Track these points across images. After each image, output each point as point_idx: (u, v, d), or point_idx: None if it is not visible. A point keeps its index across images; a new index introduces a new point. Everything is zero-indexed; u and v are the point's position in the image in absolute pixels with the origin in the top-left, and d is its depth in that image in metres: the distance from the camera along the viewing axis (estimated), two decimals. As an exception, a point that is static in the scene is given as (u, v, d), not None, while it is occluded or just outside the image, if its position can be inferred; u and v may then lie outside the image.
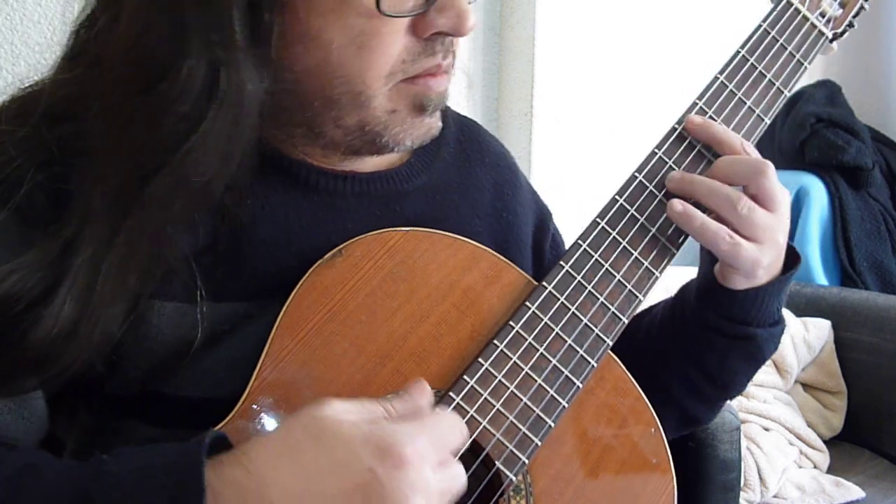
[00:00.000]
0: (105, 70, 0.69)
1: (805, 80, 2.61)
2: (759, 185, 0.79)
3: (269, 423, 0.69)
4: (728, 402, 0.99)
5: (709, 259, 0.85)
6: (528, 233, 0.94)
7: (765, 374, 2.06)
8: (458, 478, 0.61)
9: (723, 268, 0.83)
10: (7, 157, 0.69)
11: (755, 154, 0.83)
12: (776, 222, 0.80)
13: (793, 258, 0.85)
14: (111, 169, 0.67)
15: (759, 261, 0.80)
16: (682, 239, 0.82)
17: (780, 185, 0.80)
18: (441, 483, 0.59)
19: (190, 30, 0.66)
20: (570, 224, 0.97)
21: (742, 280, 0.82)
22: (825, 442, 2.00)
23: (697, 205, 0.81)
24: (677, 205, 0.80)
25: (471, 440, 0.72)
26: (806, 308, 2.22)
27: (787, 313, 2.13)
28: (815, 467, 1.93)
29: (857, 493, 1.81)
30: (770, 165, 0.79)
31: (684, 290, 0.90)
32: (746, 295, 0.83)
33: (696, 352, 0.87)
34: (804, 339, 2.11)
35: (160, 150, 0.67)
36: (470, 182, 0.90)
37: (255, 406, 0.69)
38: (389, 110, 0.74)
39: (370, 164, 0.82)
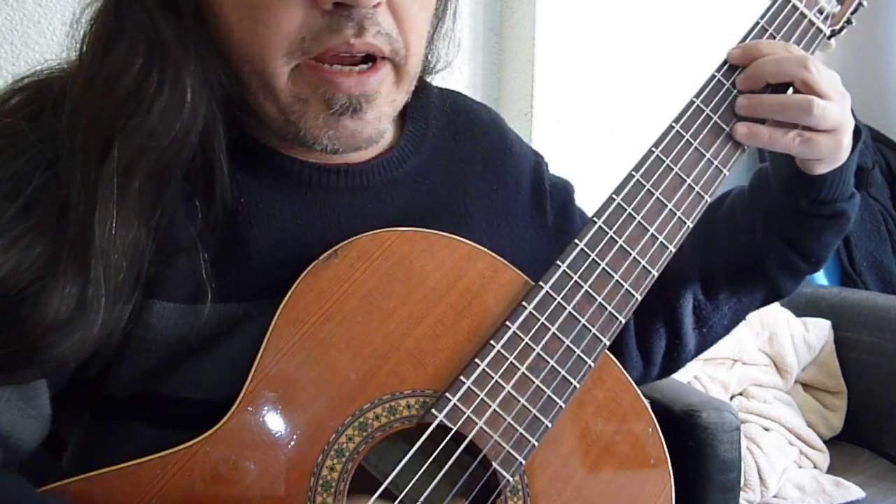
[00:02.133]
0: (80, 56, 0.73)
1: (805, 79, 2.60)
2: (805, 80, 0.81)
3: (266, 424, 0.69)
4: (730, 401, 1.01)
5: (784, 155, 0.88)
6: (526, 201, 0.94)
7: (765, 374, 2.06)
8: None
9: (806, 162, 0.86)
10: (16, 150, 0.70)
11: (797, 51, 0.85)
12: (841, 106, 0.83)
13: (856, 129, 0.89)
14: (80, 139, 0.69)
15: (840, 146, 0.84)
16: (680, 237, 0.82)
17: (827, 71, 0.83)
18: None
19: (125, 7, 0.71)
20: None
21: (826, 165, 0.86)
22: (825, 442, 2.00)
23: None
24: (741, 127, 0.84)
25: (468, 441, 0.72)
26: (806, 308, 2.21)
27: (787, 313, 2.14)
28: (815, 467, 1.93)
29: (857, 493, 1.80)
30: (811, 58, 0.82)
31: (760, 183, 0.94)
32: (834, 176, 0.87)
33: (791, 235, 0.92)
34: (804, 339, 2.11)
35: (114, 116, 0.69)
36: (460, 156, 0.90)
37: (250, 407, 0.69)
38: (296, 97, 0.72)
39: (362, 154, 0.82)
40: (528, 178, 0.95)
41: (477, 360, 0.74)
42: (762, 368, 2.06)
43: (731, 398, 2.00)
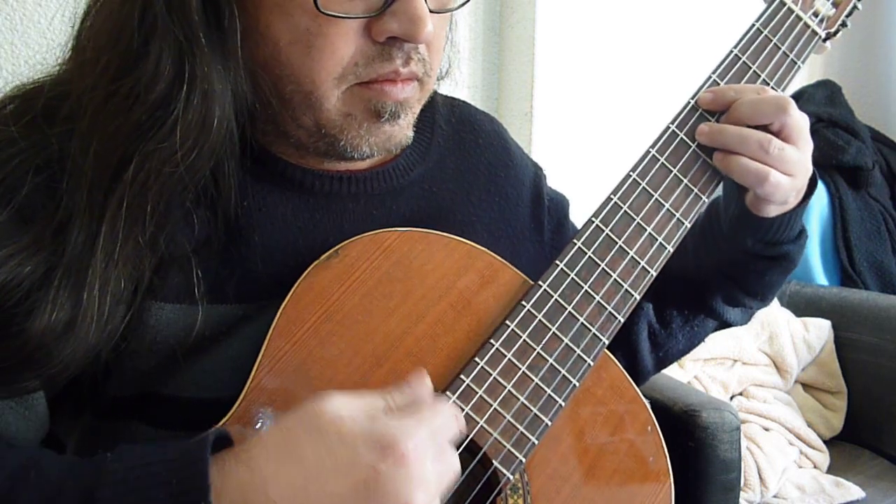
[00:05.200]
0: (87, 63, 0.70)
1: (805, 80, 2.61)
2: (782, 122, 0.82)
3: (267, 423, 0.69)
4: (730, 401, 1.02)
5: (736, 192, 0.88)
6: (526, 213, 0.94)
7: (765, 374, 2.06)
8: (453, 467, 0.61)
9: (757, 201, 0.86)
10: (7, 155, 0.69)
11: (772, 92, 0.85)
12: (804, 153, 0.83)
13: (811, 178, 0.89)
14: (92, 157, 0.68)
15: (793, 190, 0.84)
16: (677, 237, 0.82)
17: (801, 115, 0.83)
18: (438, 474, 0.59)
19: (157, 20, 0.67)
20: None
21: (776, 209, 0.86)
22: (825, 442, 2.00)
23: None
24: (717, 154, 0.83)
25: (468, 439, 0.72)
26: (806, 308, 2.21)
27: (787, 313, 2.14)
28: (815, 467, 1.93)
29: (857, 493, 1.80)
30: (790, 101, 0.82)
31: (711, 217, 0.94)
32: (781, 220, 0.87)
33: (736, 272, 0.92)
34: (804, 339, 2.11)
35: (133, 138, 0.68)
36: (465, 167, 0.90)
37: (252, 407, 0.69)
38: (344, 114, 0.73)
39: (366, 161, 0.82)
40: (528, 191, 0.95)
41: (476, 358, 0.74)
42: (762, 368, 2.07)
43: (731, 398, 2.00)
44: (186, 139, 0.68)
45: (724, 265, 0.92)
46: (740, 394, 2.03)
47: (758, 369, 2.06)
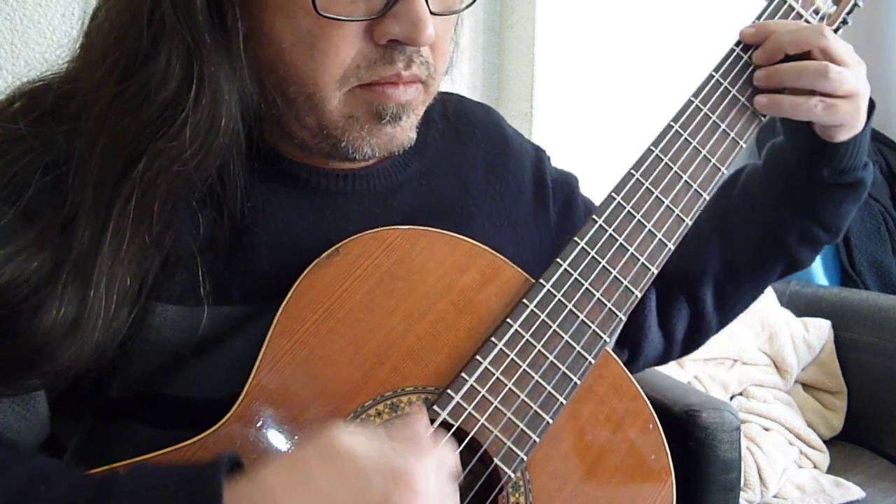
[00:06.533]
0: (95, 61, 0.70)
1: (805, 80, 2.60)
2: (824, 46, 0.83)
3: (267, 422, 0.69)
4: (730, 401, 1.02)
5: (802, 125, 0.89)
6: (529, 200, 0.94)
7: (765, 374, 2.06)
8: (454, 496, 0.65)
9: (825, 129, 0.87)
10: (14, 155, 0.69)
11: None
12: (858, 71, 0.85)
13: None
14: (99, 155, 0.68)
15: (858, 111, 0.86)
16: (679, 234, 0.82)
17: (840, 40, 0.84)
18: (442, 501, 0.62)
19: (164, 20, 0.67)
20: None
21: (846, 132, 0.87)
22: (825, 442, 2.00)
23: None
24: (761, 98, 0.86)
25: (469, 437, 0.72)
26: (806, 308, 2.21)
27: (787, 313, 2.14)
28: (815, 467, 1.93)
29: (857, 493, 1.80)
30: (825, 27, 0.84)
31: (775, 158, 0.95)
32: (852, 143, 0.88)
33: (811, 207, 0.93)
34: (804, 339, 2.11)
35: (142, 136, 0.68)
36: (462, 160, 0.90)
37: (252, 405, 0.69)
38: (346, 115, 0.73)
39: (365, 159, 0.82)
40: (529, 176, 0.95)
41: (478, 356, 0.74)
42: (762, 368, 2.07)
43: (731, 398, 2.00)
44: (195, 139, 0.68)
45: (801, 201, 0.93)
46: (740, 394, 2.03)
47: (758, 369, 2.06)
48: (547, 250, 0.80)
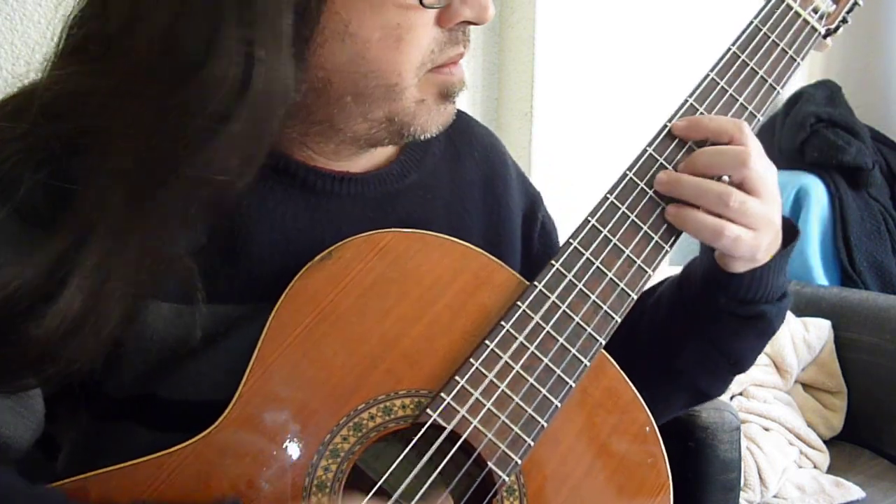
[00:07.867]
0: (117, 68, 0.68)
1: (805, 80, 2.61)
2: (743, 175, 0.79)
3: (261, 427, 0.69)
4: (730, 401, 1.00)
5: (708, 247, 0.86)
6: (518, 225, 0.94)
7: (765, 374, 2.06)
8: None
9: (723, 256, 0.83)
10: (5, 154, 0.69)
11: (749, 135, 0.81)
12: (769, 206, 0.80)
13: (791, 231, 0.86)
14: (129, 168, 0.67)
15: (758, 247, 0.81)
16: (674, 236, 0.82)
17: (765, 166, 0.80)
18: None
19: (227, 28, 0.65)
20: (570, 224, 0.96)
21: (743, 264, 0.83)
22: (825, 442, 2.00)
23: None
24: (671, 208, 0.81)
25: (462, 440, 0.72)
26: (806, 308, 2.21)
27: (787, 313, 2.14)
28: (815, 467, 1.93)
29: (857, 493, 1.81)
30: (751, 152, 0.79)
31: (688, 273, 0.91)
32: (752, 276, 0.83)
33: (709, 333, 0.88)
34: (804, 339, 2.10)
35: (183, 150, 0.66)
36: (461, 177, 0.90)
37: (246, 408, 0.69)
38: (418, 100, 0.75)
39: (361, 163, 0.82)
40: (521, 207, 0.95)
41: (472, 359, 0.74)
42: (762, 368, 2.06)
43: (731, 398, 1.99)
44: (240, 152, 0.68)
45: (699, 323, 0.88)
46: (740, 394, 2.03)
47: (758, 369, 2.06)
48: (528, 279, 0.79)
